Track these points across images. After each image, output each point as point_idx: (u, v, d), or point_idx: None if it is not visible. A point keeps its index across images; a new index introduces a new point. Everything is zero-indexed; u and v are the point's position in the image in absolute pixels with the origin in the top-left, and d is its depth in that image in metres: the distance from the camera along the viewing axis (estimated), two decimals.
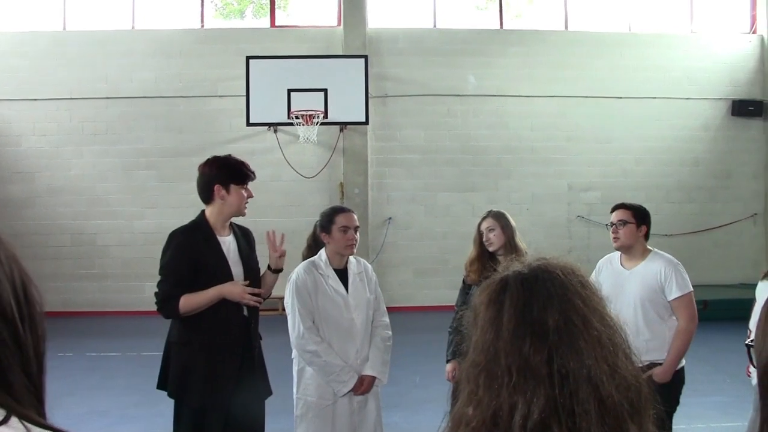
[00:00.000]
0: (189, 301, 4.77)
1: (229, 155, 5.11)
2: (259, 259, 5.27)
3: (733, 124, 16.90)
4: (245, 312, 4.95)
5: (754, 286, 5.74)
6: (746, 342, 1.76)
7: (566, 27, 16.72)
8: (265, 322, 6.75)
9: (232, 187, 4.92)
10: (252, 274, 5.02)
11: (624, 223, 5.52)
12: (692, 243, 15.84)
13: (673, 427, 5.46)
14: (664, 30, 16.93)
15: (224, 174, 4.93)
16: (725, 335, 9.84)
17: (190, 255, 4.83)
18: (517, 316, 1.61)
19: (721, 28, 17.15)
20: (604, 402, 1.53)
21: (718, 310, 12.41)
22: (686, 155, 16.72)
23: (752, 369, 5.35)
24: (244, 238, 5.15)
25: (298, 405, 5.24)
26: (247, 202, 5.01)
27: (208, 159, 5.06)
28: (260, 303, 4.93)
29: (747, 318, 5.72)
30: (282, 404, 5.84)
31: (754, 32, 17.12)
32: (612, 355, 1.58)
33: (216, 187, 4.91)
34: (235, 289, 4.82)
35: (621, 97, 16.38)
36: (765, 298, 5.40)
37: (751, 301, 5.68)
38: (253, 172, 5.06)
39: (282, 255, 5.17)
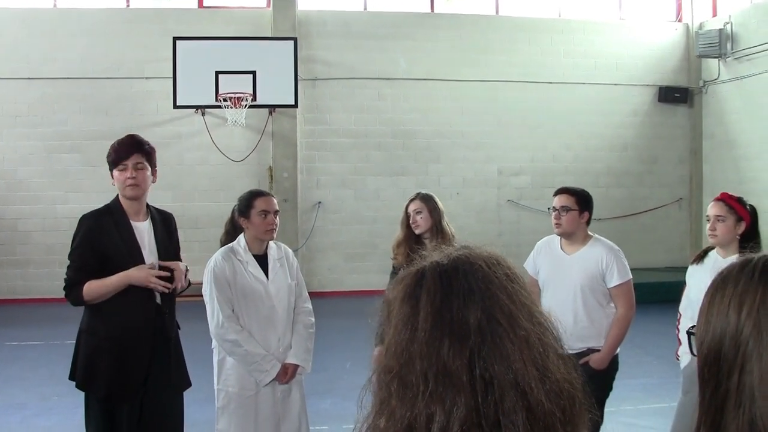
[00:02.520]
0: (93, 288, 4.56)
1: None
2: (182, 246, 5.10)
3: (660, 111, 17.17)
4: (158, 299, 4.73)
5: (679, 269, 5.79)
6: (687, 330, 1.64)
7: (497, 11, 16.76)
8: (191, 309, 6.60)
9: (114, 173, 4.71)
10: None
11: (567, 209, 5.40)
12: (620, 227, 16.01)
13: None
14: (593, 17, 17.09)
15: (108, 162, 4.75)
16: (652, 318, 9.98)
17: (99, 240, 4.63)
18: (434, 313, 1.42)
19: (648, 17, 17.41)
20: (533, 411, 1.36)
21: (644, 293, 12.50)
22: (615, 141, 16.93)
23: (681, 352, 5.41)
24: (163, 224, 4.93)
25: (220, 396, 5.08)
26: (130, 184, 4.67)
27: None
28: (169, 288, 4.67)
29: (672, 301, 5.74)
30: (206, 394, 5.68)
31: (679, 21, 17.39)
32: (542, 357, 1.41)
33: (111, 175, 4.76)
34: (140, 273, 4.59)
35: (551, 83, 16.48)
36: (695, 283, 5.41)
37: (677, 284, 5.70)
38: (125, 147, 4.72)
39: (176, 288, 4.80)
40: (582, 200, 5.49)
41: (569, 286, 5.36)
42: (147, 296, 4.68)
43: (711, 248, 5.33)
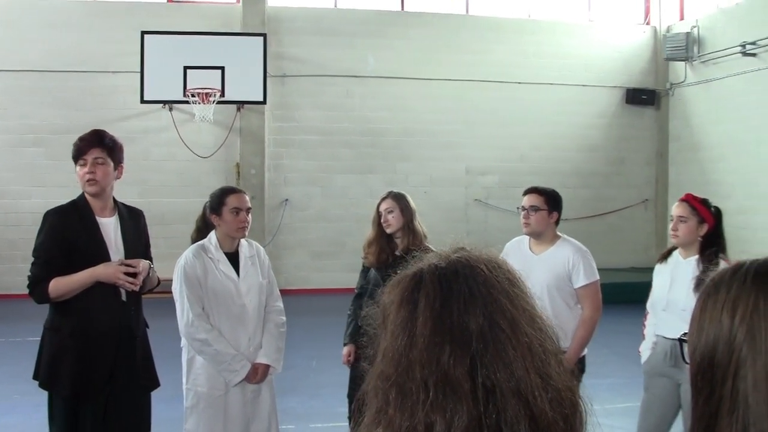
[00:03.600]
0: (59, 285, 4.46)
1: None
2: (152, 242, 5.02)
3: (627, 112, 17.29)
4: (123, 297, 4.64)
5: (644, 270, 5.80)
6: (679, 336, 1.60)
7: (467, 11, 16.78)
8: (160, 306, 6.53)
9: (76, 168, 4.63)
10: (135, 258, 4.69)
11: (536, 209, 5.39)
12: (586, 227, 16.04)
13: None
14: (562, 18, 17.18)
15: (72, 158, 4.66)
16: (617, 318, 10.02)
17: (63, 236, 4.54)
18: (434, 318, 1.38)
19: (617, 19, 17.53)
20: (536, 420, 1.33)
21: (609, 293, 12.56)
22: (582, 141, 17.01)
23: (642, 348, 5.42)
24: (132, 221, 4.84)
25: (189, 396, 5.00)
26: (88, 180, 4.60)
27: None
28: (137, 285, 4.57)
29: (637, 301, 5.73)
30: (174, 393, 5.60)
31: (647, 23, 17.54)
32: (544, 364, 1.37)
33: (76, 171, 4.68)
34: (108, 269, 4.49)
35: (520, 83, 16.54)
36: (658, 282, 5.39)
37: (642, 284, 5.69)
38: (85, 142, 4.64)
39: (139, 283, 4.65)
40: (551, 200, 5.48)
41: (536, 286, 5.23)
42: (112, 293, 4.59)
43: (676, 248, 5.35)
